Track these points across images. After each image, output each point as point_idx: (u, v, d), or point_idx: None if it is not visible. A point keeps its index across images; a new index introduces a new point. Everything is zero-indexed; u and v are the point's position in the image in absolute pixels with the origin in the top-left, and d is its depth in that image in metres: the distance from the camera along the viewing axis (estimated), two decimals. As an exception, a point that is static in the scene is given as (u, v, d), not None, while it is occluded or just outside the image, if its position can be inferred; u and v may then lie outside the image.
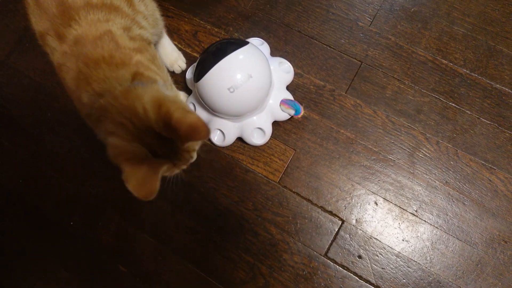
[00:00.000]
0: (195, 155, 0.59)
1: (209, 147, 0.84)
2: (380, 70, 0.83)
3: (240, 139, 0.82)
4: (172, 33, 0.90)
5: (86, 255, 0.84)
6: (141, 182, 0.48)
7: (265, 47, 0.80)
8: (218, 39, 0.89)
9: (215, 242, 0.80)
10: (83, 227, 0.85)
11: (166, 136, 0.50)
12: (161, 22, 0.75)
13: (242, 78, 0.65)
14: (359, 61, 0.84)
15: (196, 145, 0.58)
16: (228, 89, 0.65)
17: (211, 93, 0.67)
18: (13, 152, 0.90)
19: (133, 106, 0.50)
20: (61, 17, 0.56)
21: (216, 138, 0.80)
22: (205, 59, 0.68)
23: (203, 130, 0.48)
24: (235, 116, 0.72)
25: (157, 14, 0.73)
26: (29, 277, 0.84)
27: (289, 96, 0.79)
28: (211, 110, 0.72)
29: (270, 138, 0.81)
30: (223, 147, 0.83)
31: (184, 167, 0.58)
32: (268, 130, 0.78)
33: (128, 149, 0.50)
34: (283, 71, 0.79)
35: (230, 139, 0.78)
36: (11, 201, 0.88)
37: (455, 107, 0.80)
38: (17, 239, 0.86)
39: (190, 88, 0.83)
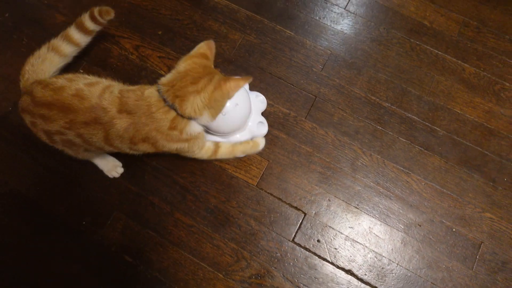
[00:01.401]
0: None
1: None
2: (329, 102, 1.12)
3: (226, 153, 1.05)
4: (172, 72, 1.14)
5: (96, 249, 0.98)
6: (239, 79, 0.78)
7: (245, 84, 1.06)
8: (208, 77, 1.14)
9: (206, 234, 0.99)
10: (93, 226, 1.00)
11: (209, 64, 0.80)
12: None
13: (231, 106, 0.90)
14: (314, 96, 1.13)
15: None
16: (221, 113, 0.89)
17: (208, 116, 0.90)
18: (30, 164, 1.05)
19: (189, 70, 0.79)
20: None
21: (208, 151, 1.02)
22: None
23: (211, 43, 0.82)
24: (225, 133, 0.96)
25: None
26: (43, 272, 0.96)
27: (264, 120, 1.05)
28: (207, 129, 0.95)
29: (249, 152, 1.05)
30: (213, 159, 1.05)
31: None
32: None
33: (214, 80, 0.76)
34: (259, 101, 1.05)
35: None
36: (27, 206, 1.02)
37: (382, 129, 1.10)
38: (32, 239, 0.99)
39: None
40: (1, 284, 0.95)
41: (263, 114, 1.08)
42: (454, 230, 1.01)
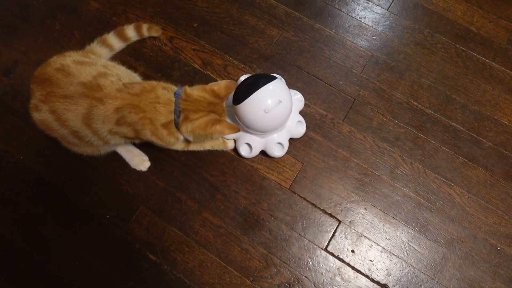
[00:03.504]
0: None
1: (233, 157, 1.00)
2: (368, 106, 1.06)
3: (263, 153, 0.99)
4: (206, 65, 1.09)
5: (120, 244, 0.93)
6: (230, 126, 0.81)
7: (283, 81, 1.00)
8: (243, 73, 1.08)
9: (235, 236, 0.94)
10: (118, 221, 0.95)
11: (216, 102, 0.81)
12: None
13: (273, 103, 0.84)
14: (353, 98, 1.06)
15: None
16: (264, 110, 0.83)
17: (249, 113, 0.85)
18: (57, 153, 1.00)
19: (197, 100, 0.78)
20: None
21: (243, 150, 0.96)
22: (244, 87, 0.87)
23: (231, 85, 0.82)
24: (264, 132, 0.90)
25: None
26: (66, 263, 0.92)
27: (302, 119, 0.98)
28: (246, 127, 0.89)
29: (283, 153, 0.99)
30: (246, 158, 0.99)
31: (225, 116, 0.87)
32: (286, 145, 0.96)
33: (210, 118, 0.80)
34: (297, 100, 0.99)
35: (255, 151, 0.95)
36: (52, 195, 0.97)
37: (424, 137, 1.03)
38: (56, 229, 0.94)
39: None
40: (24, 271, 0.91)
41: (300, 113, 1.02)
42: (499, 248, 0.93)
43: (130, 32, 1.06)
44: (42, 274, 0.91)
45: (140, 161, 0.97)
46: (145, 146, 0.98)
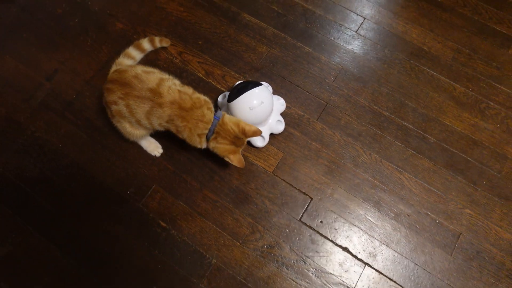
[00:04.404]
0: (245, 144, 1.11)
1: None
2: (338, 108, 1.31)
3: (248, 143, 1.23)
4: (209, 75, 1.35)
5: (137, 215, 1.17)
6: (239, 160, 1.07)
7: (269, 88, 1.25)
8: (238, 81, 1.34)
9: (228, 209, 1.17)
10: (136, 196, 1.19)
11: (240, 137, 1.04)
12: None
13: (257, 103, 1.09)
14: (326, 102, 1.31)
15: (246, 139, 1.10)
16: (249, 108, 1.08)
17: (238, 109, 1.10)
18: (88, 142, 1.25)
19: (228, 130, 1.02)
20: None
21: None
22: (236, 90, 1.12)
23: (258, 132, 1.05)
24: (250, 126, 1.15)
25: None
26: (94, 229, 1.15)
27: (282, 119, 1.23)
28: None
29: (268, 144, 1.24)
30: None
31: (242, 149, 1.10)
32: (267, 138, 1.21)
33: (230, 148, 1.05)
34: (279, 104, 1.25)
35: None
36: (83, 176, 1.21)
37: (381, 134, 1.27)
38: (86, 202, 1.18)
39: (220, 106, 1.26)
40: (62, 234, 1.14)
41: (282, 114, 1.27)
42: (437, 221, 1.16)
43: (146, 44, 1.31)
44: (76, 238, 1.15)
45: (155, 147, 1.21)
46: (160, 137, 1.23)
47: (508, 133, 1.28)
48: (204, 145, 1.09)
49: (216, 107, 1.26)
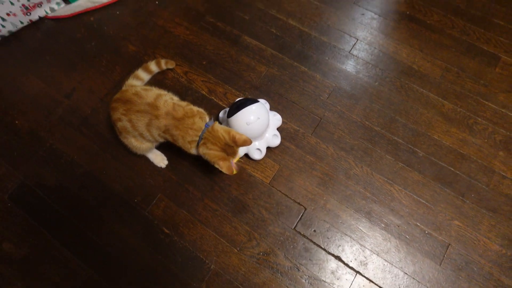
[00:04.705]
0: (238, 153, 1.15)
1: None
2: (331, 124, 1.38)
3: (246, 155, 1.32)
4: (211, 92, 1.45)
5: (143, 221, 1.26)
6: (228, 166, 1.09)
7: (267, 104, 1.35)
8: (238, 98, 1.44)
9: (227, 217, 1.25)
10: (142, 204, 1.28)
11: (231, 145, 1.06)
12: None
13: (254, 118, 1.18)
14: (320, 118, 1.40)
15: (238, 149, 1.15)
16: (246, 123, 1.17)
17: (236, 124, 1.19)
18: (100, 153, 1.36)
19: (219, 137, 1.07)
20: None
21: (234, 153, 1.30)
22: (235, 106, 1.22)
23: (248, 141, 1.08)
24: (248, 140, 1.24)
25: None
26: (104, 233, 1.24)
27: (278, 134, 1.32)
28: (235, 135, 1.23)
29: (265, 157, 1.32)
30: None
31: (234, 158, 1.13)
32: (264, 151, 1.30)
33: (220, 155, 1.07)
34: (276, 119, 1.34)
35: (241, 154, 1.29)
36: (95, 184, 1.32)
37: (372, 148, 1.34)
38: (97, 208, 1.28)
39: (221, 121, 1.35)
40: (72, 240, 1.24)
41: (278, 129, 1.36)
42: (426, 232, 1.21)
43: (153, 66, 1.43)
44: (87, 241, 1.24)
45: (161, 159, 1.31)
46: (164, 149, 1.33)
47: (495, 148, 1.33)
48: (194, 151, 1.14)
49: (218, 121, 1.36)
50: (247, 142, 1.09)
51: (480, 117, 1.39)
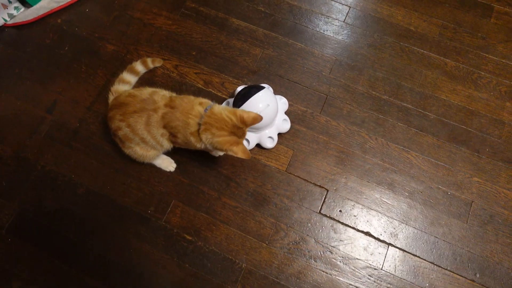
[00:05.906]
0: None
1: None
2: (338, 99, 1.32)
3: (258, 145, 1.24)
4: (208, 84, 1.35)
5: (161, 232, 1.17)
6: (243, 150, 0.98)
7: (270, 89, 1.26)
8: (238, 86, 1.34)
9: (249, 212, 1.19)
10: (157, 214, 1.19)
11: (240, 126, 0.96)
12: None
13: (263, 106, 1.10)
14: (326, 94, 1.33)
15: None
16: (257, 112, 1.08)
17: (247, 115, 1.10)
18: (100, 168, 1.24)
19: (224, 120, 0.95)
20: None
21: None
22: (239, 96, 1.12)
23: (259, 118, 0.98)
24: (258, 129, 1.16)
25: None
26: (120, 251, 1.15)
27: (287, 118, 1.24)
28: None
29: (277, 144, 1.25)
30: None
31: (243, 139, 1.03)
32: (276, 138, 1.22)
33: (231, 139, 0.96)
34: (282, 103, 1.26)
35: (252, 145, 1.21)
36: (102, 201, 1.21)
37: (383, 117, 1.30)
38: (109, 225, 1.18)
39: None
40: (88, 264, 1.14)
41: (286, 112, 1.28)
42: (449, 193, 1.20)
43: (139, 67, 1.30)
44: (105, 263, 1.14)
45: (169, 163, 1.22)
46: (171, 154, 1.23)
47: (501, 99, 1.32)
48: (200, 145, 1.01)
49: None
50: (257, 119, 0.97)
51: (482, 70, 1.37)
